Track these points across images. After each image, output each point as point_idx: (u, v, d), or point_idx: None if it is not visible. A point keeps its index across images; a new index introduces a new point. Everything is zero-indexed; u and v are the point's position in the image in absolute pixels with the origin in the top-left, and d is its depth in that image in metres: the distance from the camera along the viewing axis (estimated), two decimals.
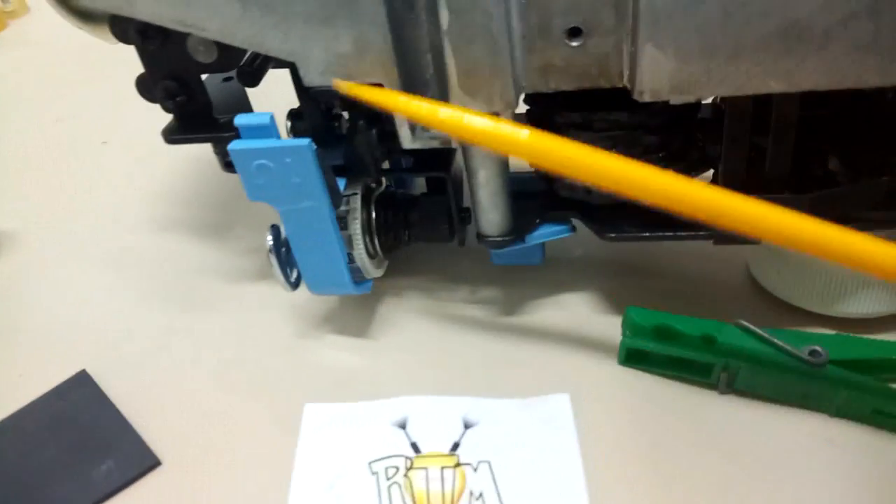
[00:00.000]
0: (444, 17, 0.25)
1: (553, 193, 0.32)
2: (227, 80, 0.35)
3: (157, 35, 0.29)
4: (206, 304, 0.37)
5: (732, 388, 0.30)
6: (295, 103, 0.31)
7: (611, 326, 0.33)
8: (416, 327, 0.35)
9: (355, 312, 0.36)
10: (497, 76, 0.26)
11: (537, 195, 0.33)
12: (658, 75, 0.25)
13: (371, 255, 0.33)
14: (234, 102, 0.33)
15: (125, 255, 0.41)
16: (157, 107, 0.32)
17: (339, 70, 0.27)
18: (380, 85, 0.27)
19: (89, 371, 0.34)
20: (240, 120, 0.27)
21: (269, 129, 0.27)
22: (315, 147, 0.27)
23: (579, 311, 0.35)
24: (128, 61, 0.31)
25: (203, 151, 0.48)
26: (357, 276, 0.33)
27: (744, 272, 0.35)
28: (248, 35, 0.26)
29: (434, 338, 0.34)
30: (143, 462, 0.30)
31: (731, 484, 0.27)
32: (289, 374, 0.33)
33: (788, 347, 0.28)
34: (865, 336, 0.29)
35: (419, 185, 0.37)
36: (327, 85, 0.27)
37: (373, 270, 0.33)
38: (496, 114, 0.27)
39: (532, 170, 0.32)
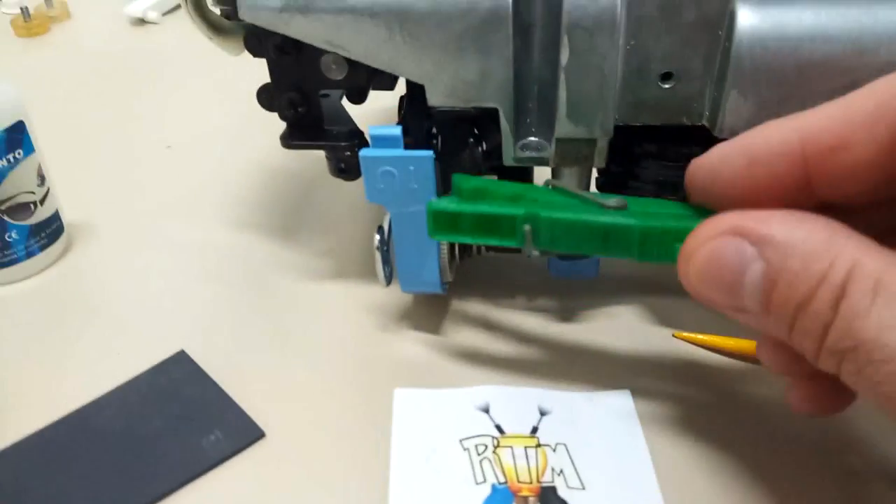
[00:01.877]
0: (565, 55, 0.29)
1: None
2: (323, 95, 0.39)
3: (292, 51, 0.33)
4: (286, 298, 0.41)
5: (537, 246, 0.29)
6: (367, 121, 0.35)
7: (661, 337, 0.37)
8: (483, 328, 0.39)
9: (429, 311, 0.39)
10: (601, 108, 0.31)
11: None
12: (738, 117, 0.30)
13: (450, 259, 0.37)
14: (335, 116, 0.37)
15: (201, 249, 0.44)
16: (215, 115, 0.36)
17: (461, 94, 0.31)
18: (495, 110, 0.31)
19: (186, 352, 0.37)
20: (374, 131, 0.31)
21: (398, 141, 0.31)
22: (434, 157, 0.31)
23: (631, 322, 0.39)
24: (174, 69, 0.34)
25: (268, 161, 0.52)
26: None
27: None
28: (387, 58, 0.30)
29: (502, 335, 0.38)
30: (249, 433, 0.33)
31: (776, 473, 0.31)
32: (375, 361, 0.36)
33: (591, 197, 0.29)
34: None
35: None
36: (448, 106, 0.32)
37: (449, 274, 0.37)
38: (594, 141, 0.32)
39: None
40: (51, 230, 0.42)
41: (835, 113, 0.23)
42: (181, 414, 0.33)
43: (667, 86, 0.31)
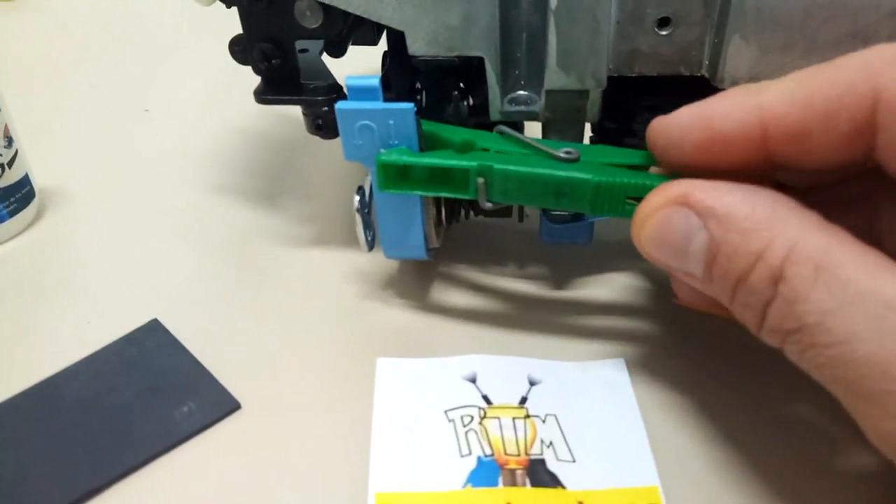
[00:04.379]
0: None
1: None
2: (301, 51, 0.37)
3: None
4: (265, 265, 0.39)
5: (490, 196, 0.29)
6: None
7: (659, 303, 0.35)
8: (471, 295, 0.37)
9: (414, 278, 0.38)
10: (593, 56, 0.28)
11: None
12: (739, 65, 0.28)
13: (436, 224, 0.35)
14: (314, 71, 0.35)
15: (178, 214, 0.42)
16: (193, 76, 0.34)
17: (444, 41, 0.29)
18: (480, 58, 0.29)
19: (160, 319, 0.35)
20: (350, 81, 0.29)
21: (376, 92, 0.29)
22: (415, 108, 0.29)
23: (627, 289, 0.37)
24: (150, 32, 0.32)
25: (246, 123, 0.50)
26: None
27: None
28: (364, 1, 0.28)
29: (490, 303, 0.36)
30: (223, 405, 0.31)
31: (777, 441, 0.30)
32: (357, 330, 0.35)
33: (543, 147, 0.29)
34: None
35: None
36: (430, 55, 0.30)
37: (435, 240, 0.35)
38: (586, 92, 0.30)
39: None
40: (20, 194, 0.40)
41: (797, 97, 0.23)
42: (153, 385, 0.32)
43: (664, 32, 0.29)
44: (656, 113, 0.32)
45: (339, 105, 0.29)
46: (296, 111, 0.36)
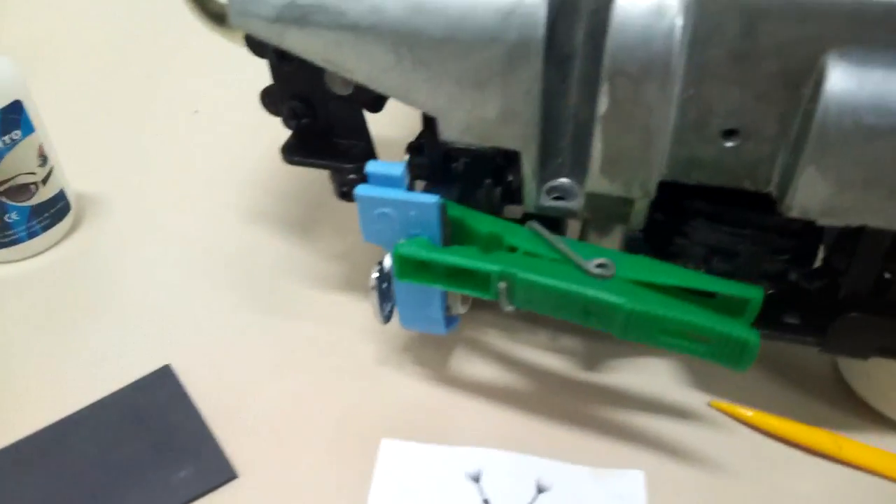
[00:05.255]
0: (604, 103, 0.24)
1: None
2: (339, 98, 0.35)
3: (294, 59, 0.28)
4: (289, 308, 0.38)
5: (512, 301, 0.27)
6: (404, 124, 0.31)
7: (694, 403, 0.32)
8: (495, 368, 0.35)
9: (435, 341, 0.36)
10: (642, 167, 0.25)
11: None
12: (812, 196, 0.24)
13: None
14: (351, 124, 0.33)
15: (211, 240, 0.42)
16: (250, 79, 0.32)
17: (478, 132, 0.26)
18: (516, 153, 0.27)
19: (173, 365, 0.34)
20: (371, 167, 0.27)
21: (398, 181, 0.27)
22: (441, 203, 0.27)
23: (660, 378, 0.34)
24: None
25: None
26: (445, 311, 0.33)
27: (830, 364, 0.35)
28: (395, 85, 0.26)
29: (511, 382, 0.34)
30: (221, 474, 0.30)
31: None
32: (368, 401, 0.33)
33: (574, 256, 0.26)
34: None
35: None
36: (463, 143, 0.27)
37: (461, 307, 0.33)
38: (632, 201, 0.27)
39: None
40: (55, 210, 0.40)
41: None
42: (157, 442, 0.31)
43: (729, 144, 0.25)
44: (711, 221, 0.28)
45: (359, 191, 0.27)
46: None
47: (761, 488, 0.30)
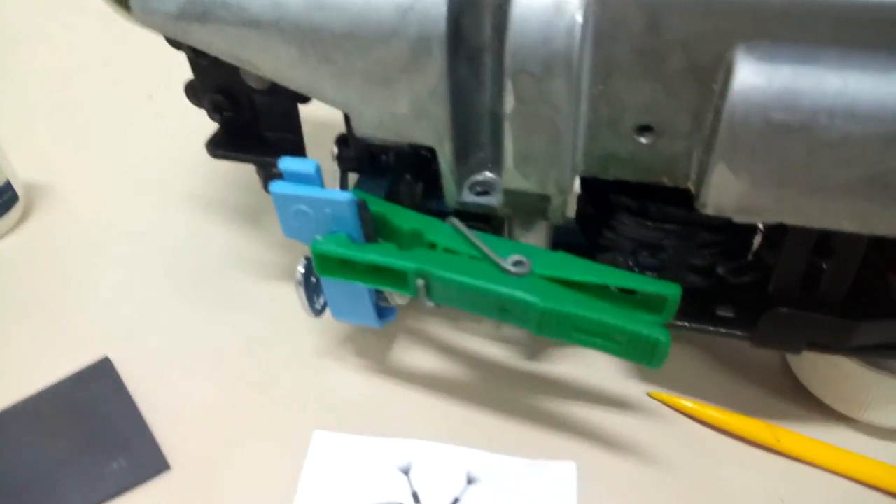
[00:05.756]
0: (509, 103, 0.23)
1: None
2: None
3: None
4: (233, 297, 0.38)
5: (431, 298, 0.27)
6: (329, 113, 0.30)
7: (633, 393, 0.32)
8: (436, 358, 0.35)
9: (378, 335, 0.36)
10: (554, 164, 0.25)
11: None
12: (725, 194, 0.23)
13: None
14: (280, 116, 0.32)
15: (159, 230, 0.41)
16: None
17: (391, 128, 0.26)
18: (432, 149, 0.26)
19: (111, 358, 0.34)
20: (284, 164, 0.26)
21: (312, 178, 0.26)
22: (356, 200, 0.26)
23: (603, 369, 0.34)
24: None
25: None
26: (382, 301, 0.32)
27: (780, 356, 0.34)
28: (302, 81, 0.25)
29: (451, 373, 0.34)
30: (153, 465, 0.31)
31: None
32: (304, 392, 0.33)
33: (491, 253, 0.26)
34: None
35: None
36: (378, 138, 0.26)
37: (399, 299, 0.33)
38: (548, 197, 0.26)
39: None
40: (0, 202, 0.40)
41: None
42: (91, 434, 0.32)
43: (644, 140, 0.24)
44: (636, 216, 0.28)
45: (273, 188, 0.27)
46: (304, 117, 0.32)
47: (696, 479, 0.30)
